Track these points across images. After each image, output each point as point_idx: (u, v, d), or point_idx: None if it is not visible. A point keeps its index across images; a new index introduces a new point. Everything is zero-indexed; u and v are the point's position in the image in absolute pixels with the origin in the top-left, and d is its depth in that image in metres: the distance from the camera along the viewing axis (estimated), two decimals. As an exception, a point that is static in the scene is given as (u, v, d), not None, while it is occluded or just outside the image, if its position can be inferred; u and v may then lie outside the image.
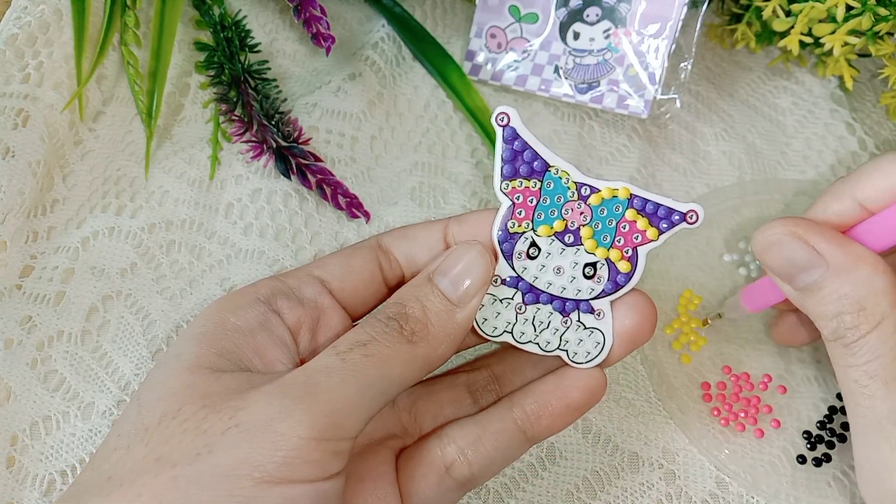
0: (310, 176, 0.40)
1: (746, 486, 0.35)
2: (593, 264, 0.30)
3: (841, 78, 0.47)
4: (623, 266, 0.29)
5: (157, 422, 0.24)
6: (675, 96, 0.43)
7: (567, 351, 0.30)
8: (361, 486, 0.29)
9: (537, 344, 0.30)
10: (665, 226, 0.29)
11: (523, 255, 0.30)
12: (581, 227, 0.29)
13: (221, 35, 0.43)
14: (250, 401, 0.24)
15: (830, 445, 0.37)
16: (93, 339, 0.36)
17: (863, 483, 0.31)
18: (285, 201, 0.41)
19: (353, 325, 0.31)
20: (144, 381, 0.27)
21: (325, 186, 0.40)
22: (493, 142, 0.44)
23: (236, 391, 0.25)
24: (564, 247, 0.30)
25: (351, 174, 0.43)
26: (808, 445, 0.37)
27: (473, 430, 0.30)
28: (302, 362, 0.28)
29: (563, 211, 0.29)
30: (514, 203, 0.29)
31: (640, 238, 0.29)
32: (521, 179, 0.29)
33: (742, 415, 0.37)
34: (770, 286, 0.34)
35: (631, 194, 0.29)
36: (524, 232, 0.30)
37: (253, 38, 0.44)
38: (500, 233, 0.30)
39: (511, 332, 0.30)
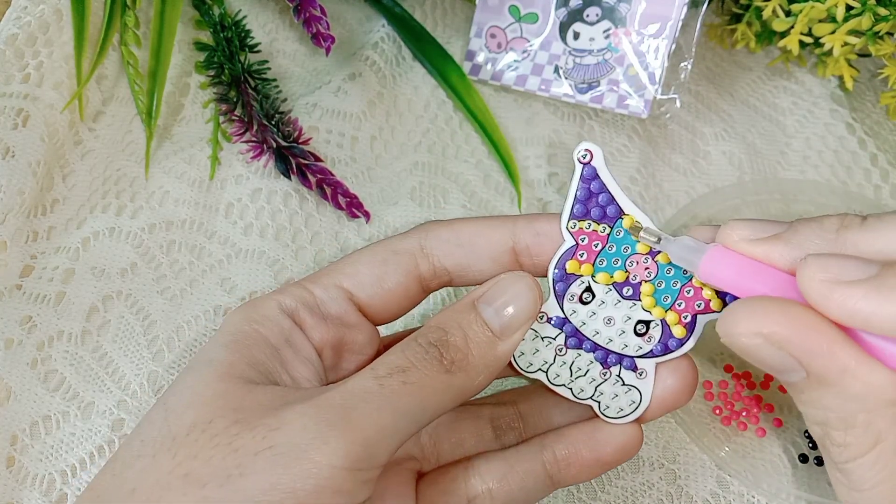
0: (310, 176, 0.40)
1: (748, 484, 0.35)
2: (647, 322, 0.28)
3: (841, 78, 0.47)
4: (678, 331, 0.28)
5: (186, 433, 0.23)
6: (675, 96, 0.43)
7: (599, 403, 0.29)
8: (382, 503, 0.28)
9: (570, 389, 0.29)
10: (731, 298, 0.27)
11: (576, 298, 0.28)
12: (643, 283, 0.28)
13: (221, 35, 0.43)
14: (285, 421, 0.23)
15: (831, 445, 0.37)
16: (93, 339, 0.36)
17: None
18: (285, 201, 0.41)
19: (380, 335, 0.30)
20: (172, 384, 0.26)
21: (325, 186, 0.40)
22: (493, 144, 0.44)
23: (270, 407, 0.24)
24: (621, 299, 0.28)
25: (351, 174, 0.43)
26: (810, 444, 0.37)
27: (501, 467, 0.29)
28: (327, 381, 0.27)
29: (627, 262, 0.28)
30: (577, 244, 0.28)
31: (702, 306, 0.27)
32: (590, 221, 0.28)
33: (744, 414, 0.37)
34: None
35: None
36: (582, 275, 0.28)
37: (253, 38, 0.44)
38: (556, 271, 0.28)
39: (546, 372, 0.29)
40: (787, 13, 0.42)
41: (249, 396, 0.24)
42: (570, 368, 0.29)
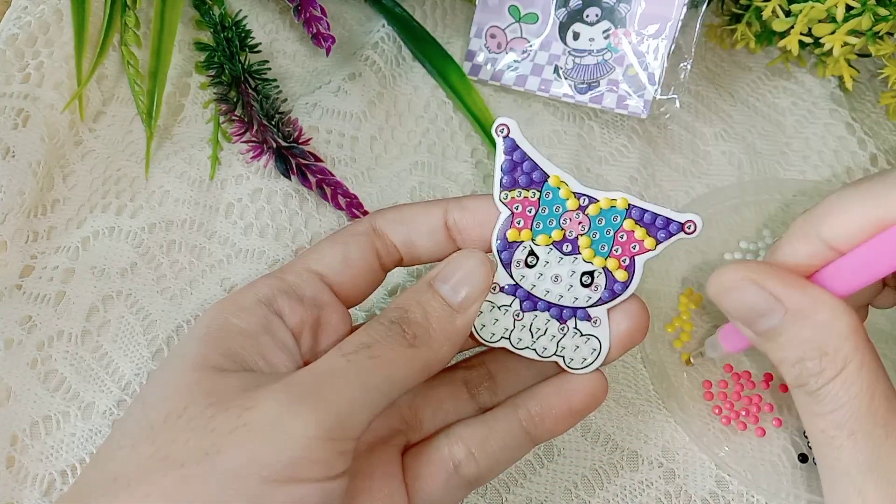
0: (310, 176, 0.40)
1: (747, 484, 0.35)
2: (591, 273, 0.30)
3: (841, 78, 0.47)
4: (620, 275, 0.30)
5: (163, 420, 0.24)
6: (675, 96, 0.43)
7: (563, 357, 0.31)
8: (370, 483, 0.29)
9: (534, 350, 0.31)
10: (663, 236, 0.29)
11: (521, 264, 0.30)
12: (579, 237, 0.30)
13: (221, 35, 0.43)
14: (258, 400, 0.24)
15: (831, 444, 0.37)
16: (93, 339, 0.36)
17: None
18: (285, 201, 0.41)
19: (352, 320, 0.31)
20: (148, 380, 0.27)
21: (325, 186, 0.40)
22: (493, 145, 0.44)
23: (243, 390, 0.25)
24: (562, 256, 0.30)
25: (351, 174, 0.43)
26: (810, 444, 0.37)
27: (480, 430, 0.30)
28: (305, 363, 0.28)
29: (561, 221, 0.30)
30: (512, 213, 0.30)
31: (637, 248, 0.30)
32: (520, 189, 0.30)
33: (743, 413, 0.37)
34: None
35: (629, 204, 0.29)
36: (522, 241, 0.30)
37: (253, 38, 0.44)
38: (498, 241, 0.30)
39: (509, 339, 0.31)
40: (787, 13, 0.42)
41: (223, 382, 0.25)
42: (530, 330, 0.31)
